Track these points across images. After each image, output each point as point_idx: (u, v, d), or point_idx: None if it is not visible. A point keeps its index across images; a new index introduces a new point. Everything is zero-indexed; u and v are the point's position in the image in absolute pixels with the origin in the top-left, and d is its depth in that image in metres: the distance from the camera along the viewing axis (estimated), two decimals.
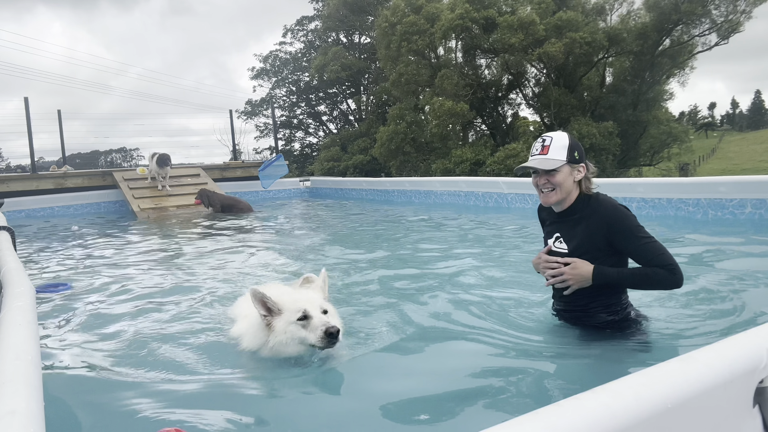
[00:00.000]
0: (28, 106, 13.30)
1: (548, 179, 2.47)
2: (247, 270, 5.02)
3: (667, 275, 2.34)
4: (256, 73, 36.43)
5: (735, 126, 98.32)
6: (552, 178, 2.46)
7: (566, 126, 21.85)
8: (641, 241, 2.38)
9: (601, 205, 2.47)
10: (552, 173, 2.45)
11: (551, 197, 2.51)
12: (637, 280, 2.44)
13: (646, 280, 2.40)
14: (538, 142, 2.52)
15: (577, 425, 1.05)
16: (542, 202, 2.60)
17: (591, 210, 2.48)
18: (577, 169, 2.48)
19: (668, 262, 2.34)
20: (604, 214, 2.44)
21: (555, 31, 20.73)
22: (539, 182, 2.52)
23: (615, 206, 2.47)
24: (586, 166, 2.51)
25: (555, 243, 2.59)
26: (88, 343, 2.97)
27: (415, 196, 11.19)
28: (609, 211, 2.44)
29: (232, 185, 14.17)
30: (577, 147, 2.47)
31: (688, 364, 1.29)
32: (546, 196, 2.52)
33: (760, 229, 5.61)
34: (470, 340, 2.75)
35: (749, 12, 21.20)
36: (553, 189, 2.48)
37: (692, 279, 3.81)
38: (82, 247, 6.91)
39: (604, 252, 2.44)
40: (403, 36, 22.16)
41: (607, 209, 2.45)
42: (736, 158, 44.91)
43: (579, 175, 2.49)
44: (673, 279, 2.34)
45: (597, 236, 2.43)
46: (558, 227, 2.60)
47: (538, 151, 2.49)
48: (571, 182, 2.48)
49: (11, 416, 1.20)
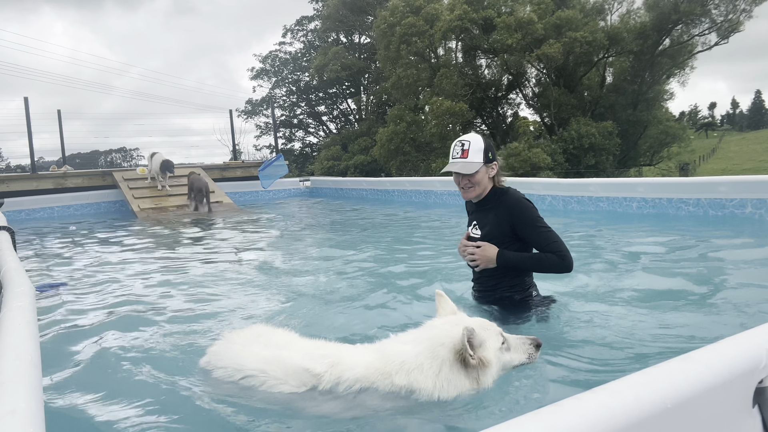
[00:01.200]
0: (27, 106, 13.31)
1: (468, 179, 2.85)
2: (247, 269, 5.02)
3: (558, 260, 2.72)
4: (255, 73, 36.45)
5: (735, 126, 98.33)
6: (471, 179, 2.85)
7: (566, 126, 21.87)
8: (539, 230, 2.78)
9: (508, 198, 2.87)
10: (472, 174, 2.82)
11: (471, 193, 2.91)
12: (534, 264, 2.83)
13: (540, 263, 2.79)
14: (458, 146, 2.86)
15: (577, 425, 1.05)
16: (463, 197, 3.00)
17: (500, 201, 2.88)
18: (491, 167, 2.87)
19: (560, 249, 2.73)
20: (509, 205, 2.84)
21: (554, 31, 20.71)
22: (461, 182, 2.89)
23: (519, 199, 2.87)
24: (497, 163, 2.90)
25: (472, 230, 3.00)
26: (87, 343, 2.97)
27: (415, 195, 11.19)
28: (514, 203, 2.84)
29: (232, 185, 14.17)
30: (490, 148, 2.86)
31: (688, 364, 1.29)
32: (466, 192, 2.92)
33: (760, 229, 5.62)
34: None
35: (749, 11, 21.19)
36: (472, 186, 2.87)
37: (693, 279, 3.81)
38: (81, 247, 6.91)
39: (509, 238, 2.84)
40: (402, 38, 22.15)
41: (512, 201, 2.85)
42: (736, 158, 44.92)
43: (492, 172, 2.89)
44: (563, 264, 2.73)
45: (504, 224, 2.84)
46: (475, 216, 3.01)
47: (458, 154, 2.84)
48: (487, 179, 2.88)
49: (11, 416, 1.20)
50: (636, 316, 2.95)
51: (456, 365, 1.91)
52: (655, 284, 3.68)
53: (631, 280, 3.80)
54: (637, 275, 3.97)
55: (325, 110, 37.75)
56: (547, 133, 23.70)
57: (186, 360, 2.65)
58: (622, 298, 3.37)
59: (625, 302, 3.26)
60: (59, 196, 12.23)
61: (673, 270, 4.06)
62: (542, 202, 8.02)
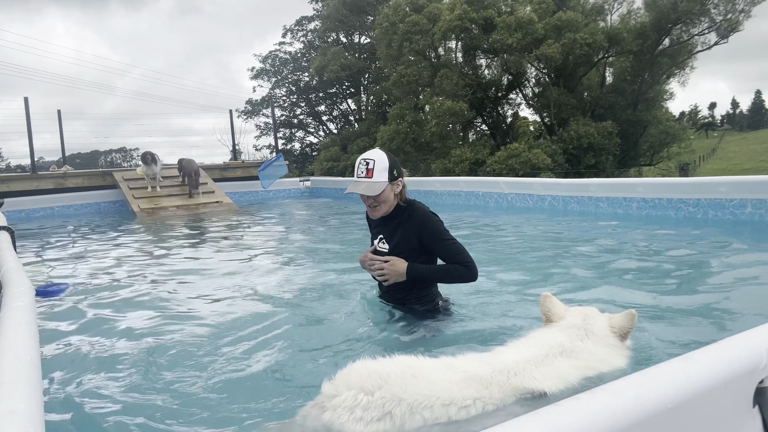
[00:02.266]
0: (27, 106, 13.30)
1: (374, 199, 2.82)
2: (248, 269, 5.02)
3: (464, 271, 2.77)
4: (255, 73, 36.44)
5: (735, 126, 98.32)
6: (377, 198, 2.81)
7: (566, 126, 21.87)
8: (445, 243, 2.82)
9: (415, 212, 2.88)
10: (377, 195, 2.79)
11: (378, 212, 2.88)
12: (442, 275, 2.87)
13: (448, 275, 2.82)
14: (362, 165, 2.80)
15: (577, 425, 1.05)
16: (370, 215, 2.96)
17: (407, 216, 2.88)
18: (396, 185, 2.85)
19: (466, 260, 2.78)
20: (417, 219, 2.85)
21: (554, 31, 20.71)
22: (367, 201, 2.86)
23: (427, 213, 2.89)
24: (402, 180, 2.89)
25: (379, 243, 2.97)
26: (87, 343, 2.97)
27: (415, 196, 11.12)
28: (422, 217, 2.86)
29: (232, 185, 14.18)
30: (395, 165, 2.84)
31: (688, 364, 1.29)
32: (373, 211, 2.89)
33: (760, 230, 5.62)
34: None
35: (748, 11, 21.17)
36: (378, 205, 2.85)
37: (693, 279, 3.81)
38: (81, 247, 6.91)
39: (417, 251, 2.86)
40: (404, 36, 22.13)
41: (420, 215, 2.87)
42: (736, 158, 44.93)
43: (398, 188, 2.88)
44: (469, 274, 2.78)
45: (411, 238, 2.85)
46: (382, 230, 2.98)
47: (363, 174, 2.79)
48: (393, 196, 2.87)
49: (11, 416, 1.20)
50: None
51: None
52: (655, 284, 3.69)
53: (627, 280, 3.80)
54: (636, 275, 3.97)
55: (325, 110, 37.75)
56: (547, 133, 23.69)
57: (188, 360, 2.65)
58: (621, 298, 3.37)
59: (625, 302, 3.26)
60: (59, 196, 12.23)
61: (673, 270, 4.06)
62: (542, 202, 8.04)
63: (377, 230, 3.01)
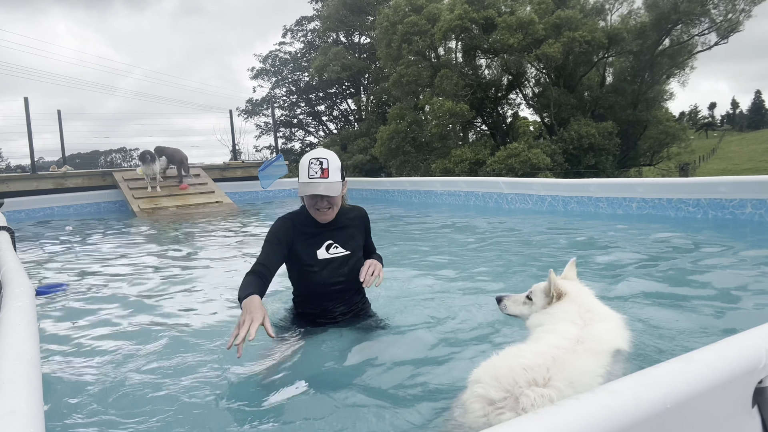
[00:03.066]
0: (27, 106, 13.31)
1: (329, 201, 2.65)
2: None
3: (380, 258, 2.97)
4: (255, 73, 36.45)
5: (735, 126, 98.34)
6: (332, 199, 2.65)
7: (566, 126, 21.86)
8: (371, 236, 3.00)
9: (356, 211, 2.91)
10: (335, 196, 2.64)
11: (329, 215, 2.70)
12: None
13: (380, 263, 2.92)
14: (316, 165, 2.58)
15: (577, 425, 1.06)
16: (320, 221, 2.71)
17: (352, 216, 2.88)
18: (344, 185, 2.75)
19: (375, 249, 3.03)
20: (361, 218, 2.92)
21: (554, 30, 20.71)
22: (320, 203, 2.65)
23: (362, 210, 2.95)
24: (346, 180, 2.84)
25: (330, 249, 2.77)
26: (87, 343, 2.97)
27: (415, 196, 11.19)
28: (362, 214, 2.93)
29: (232, 185, 14.18)
30: (342, 166, 2.73)
31: (687, 364, 1.29)
32: (324, 214, 2.68)
33: (760, 230, 5.62)
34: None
35: (748, 11, 21.17)
36: (331, 207, 2.68)
37: (692, 279, 3.81)
38: (81, 247, 6.91)
39: (362, 248, 2.91)
40: (403, 36, 22.14)
41: (360, 214, 2.92)
42: (736, 158, 44.95)
43: (344, 190, 2.78)
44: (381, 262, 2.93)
45: (361, 236, 2.90)
46: (328, 236, 2.77)
47: (318, 174, 2.57)
48: (341, 197, 2.74)
49: (11, 416, 1.20)
50: (633, 316, 2.95)
51: None
52: (654, 285, 3.69)
53: (628, 281, 3.80)
54: (635, 275, 3.97)
55: (325, 110, 37.74)
56: (547, 133, 23.68)
57: (188, 360, 2.65)
58: (621, 298, 3.37)
59: (625, 302, 3.26)
60: (59, 196, 12.23)
61: (673, 270, 4.06)
62: (542, 202, 8.03)
63: (320, 237, 2.75)
